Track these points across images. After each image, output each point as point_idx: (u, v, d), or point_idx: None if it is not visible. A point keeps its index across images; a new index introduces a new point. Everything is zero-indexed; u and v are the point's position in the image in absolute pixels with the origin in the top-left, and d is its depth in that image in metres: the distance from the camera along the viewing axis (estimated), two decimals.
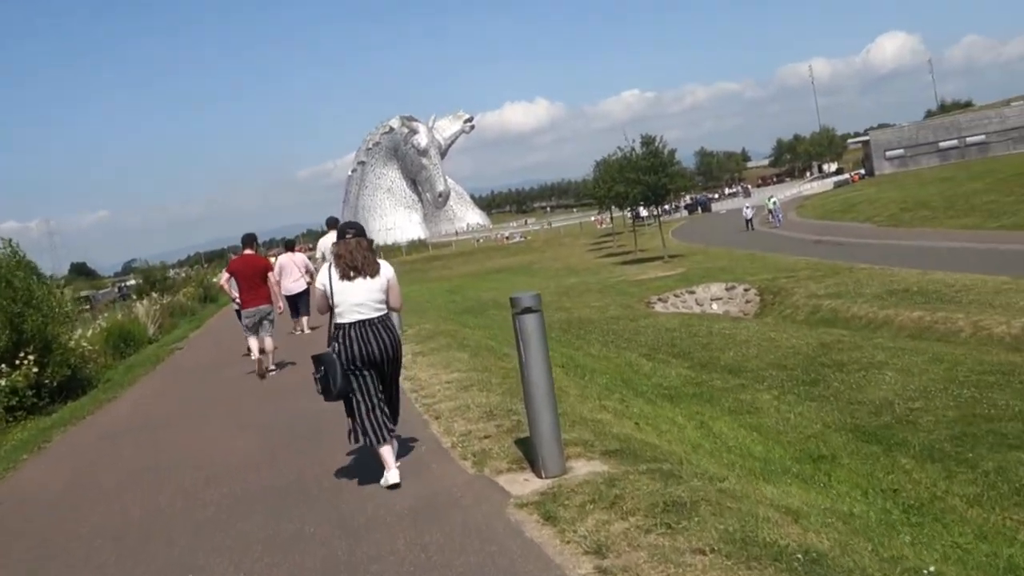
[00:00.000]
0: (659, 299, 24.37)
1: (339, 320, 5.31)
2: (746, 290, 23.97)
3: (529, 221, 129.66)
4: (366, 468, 5.65)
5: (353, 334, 5.24)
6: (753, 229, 47.38)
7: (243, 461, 6.56)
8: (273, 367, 11.20)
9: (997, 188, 38.60)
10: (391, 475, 5.22)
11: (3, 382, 12.61)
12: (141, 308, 25.75)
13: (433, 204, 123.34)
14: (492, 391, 7.33)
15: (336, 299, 5.28)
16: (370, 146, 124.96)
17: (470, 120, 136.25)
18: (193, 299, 36.58)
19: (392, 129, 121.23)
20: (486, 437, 5.79)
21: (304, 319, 15.90)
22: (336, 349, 5.26)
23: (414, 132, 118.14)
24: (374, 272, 5.31)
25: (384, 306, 5.39)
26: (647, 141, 37.34)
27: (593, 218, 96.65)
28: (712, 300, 24.29)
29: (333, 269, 5.33)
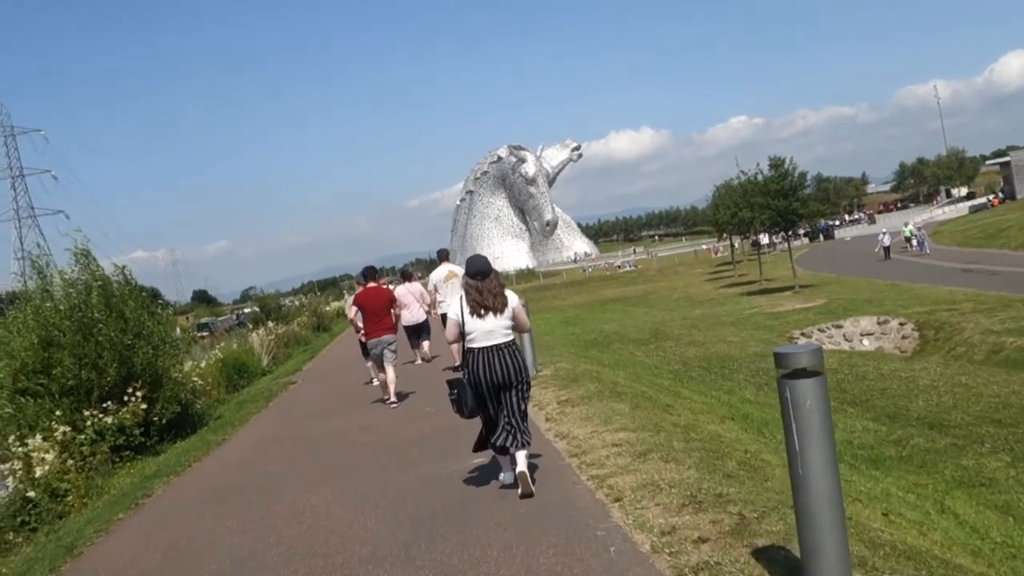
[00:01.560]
0: (802, 333, 22.18)
1: (470, 345, 5.87)
2: (901, 324, 21.56)
3: (637, 250, 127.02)
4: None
5: (481, 359, 5.79)
6: (889, 257, 44.17)
7: (371, 550, 5.14)
8: (394, 399, 11.22)
9: None
10: (520, 463, 5.73)
11: (111, 420, 11.76)
12: (256, 338, 25.18)
13: (540, 233, 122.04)
14: (681, 462, 5.73)
15: (467, 328, 5.85)
16: (478, 175, 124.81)
17: (577, 148, 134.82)
18: (307, 328, 36.23)
19: (500, 158, 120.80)
20: (703, 540, 4.19)
21: (425, 345, 15.57)
22: (466, 374, 5.87)
23: (522, 161, 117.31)
24: (501, 309, 5.86)
25: (511, 332, 5.95)
26: (776, 163, 35.03)
27: (705, 247, 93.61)
28: (862, 335, 21.96)
29: (464, 304, 5.90)
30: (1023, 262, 34.62)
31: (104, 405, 11.88)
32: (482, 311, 5.80)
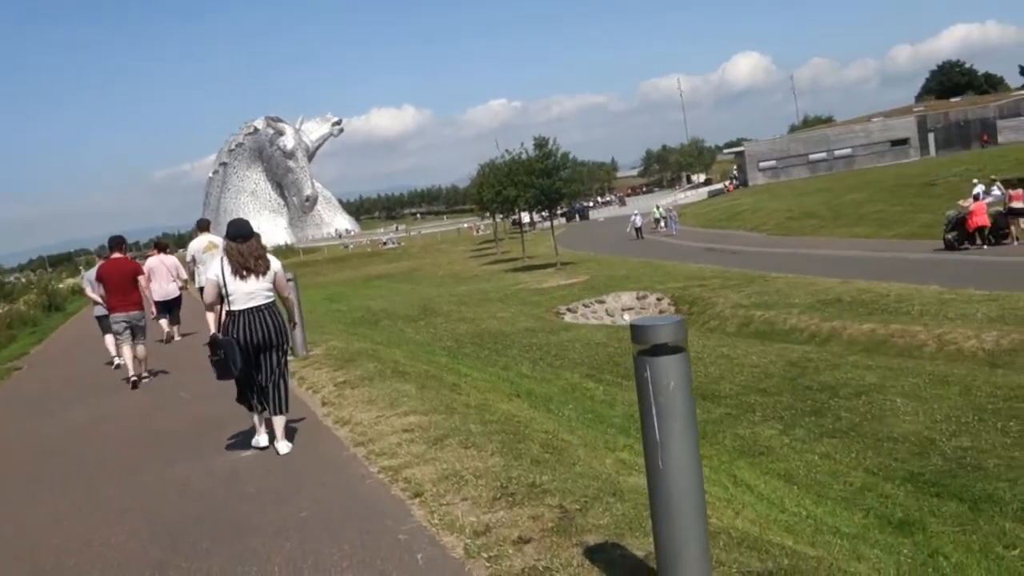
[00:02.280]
0: (568, 309, 22.63)
1: (231, 308, 5.84)
2: (659, 299, 22.54)
3: (400, 227, 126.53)
4: None
5: (242, 321, 5.80)
6: (642, 237, 46.62)
7: (117, 573, 4.18)
8: (146, 374, 10.66)
9: (881, 198, 39.03)
10: (281, 445, 5.90)
11: None
12: None
13: (300, 208, 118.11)
14: (482, 448, 5.18)
15: (228, 290, 5.81)
16: (233, 147, 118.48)
17: (339, 123, 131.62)
18: (36, 307, 32.39)
19: (257, 130, 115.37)
20: (524, 541, 3.66)
21: (175, 327, 14.95)
22: (230, 333, 5.77)
23: (280, 133, 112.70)
24: (263, 271, 5.89)
25: (272, 295, 6.01)
26: (540, 143, 35.67)
27: (467, 225, 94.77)
28: (623, 310, 22.74)
29: (226, 265, 5.82)
30: (757, 242, 37.73)
31: None
32: (244, 272, 5.81)
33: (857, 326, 14.73)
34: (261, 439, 6.06)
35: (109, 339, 12.17)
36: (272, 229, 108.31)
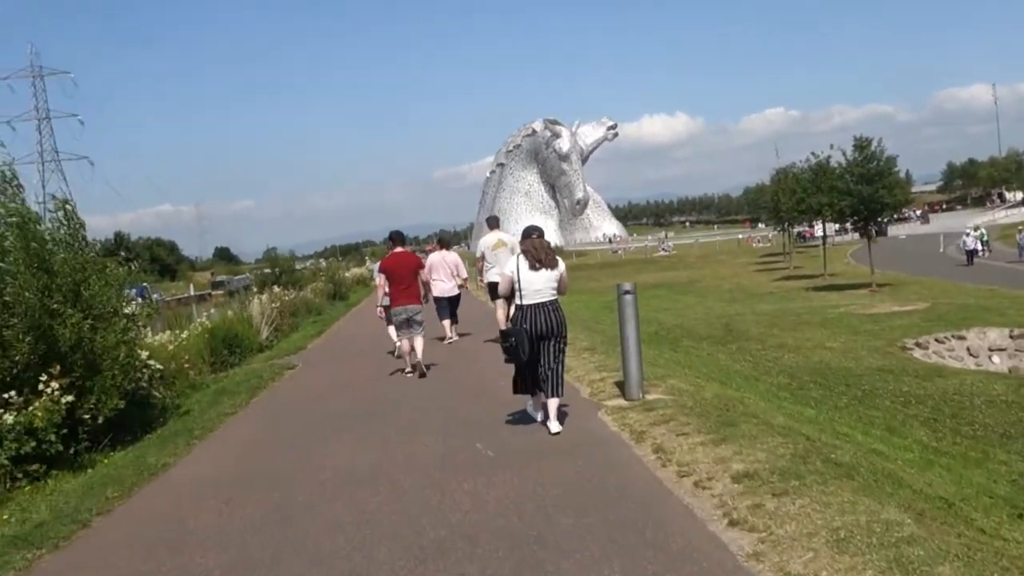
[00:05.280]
0: (916, 344, 18.11)
1: (521, 302, 6.66)
2: None
3: (669, 235, 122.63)
4: None
5: (530, 314, 6.62)
6: (972, 262, 39.87)
7: None
8: (411, 370, 10.84)
9: None
10: (552, 425, 6.59)
11: (10, 419, 8.07)
12: (257, 305, 21.23)
13: (570, 211, 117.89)
14: None
15: (522, 285, 6.64)
16: (511, 148, 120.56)
17: (614, 127, 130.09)
18: (322, 295, 32.53)
19: (535, 132, 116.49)
20: None
21: (453, 326, 14.25)
22: (519, 324, 6.58)
23: (557, 136, 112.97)
24: (553, 265, 6.75)
25: (555, 292, 6.81)
26: (861, 144, 30.75)
27: (742, 236, 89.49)
28: (991, 350, 17.90)
29: (522, 260, 6.72)
30: None
31: (6, 396, 8.21)
32: (537, 264, 6.66)
33: None
34: (538, 415, 6.94)
35: (392, 329, 11.98)
36: (543, 230, 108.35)
